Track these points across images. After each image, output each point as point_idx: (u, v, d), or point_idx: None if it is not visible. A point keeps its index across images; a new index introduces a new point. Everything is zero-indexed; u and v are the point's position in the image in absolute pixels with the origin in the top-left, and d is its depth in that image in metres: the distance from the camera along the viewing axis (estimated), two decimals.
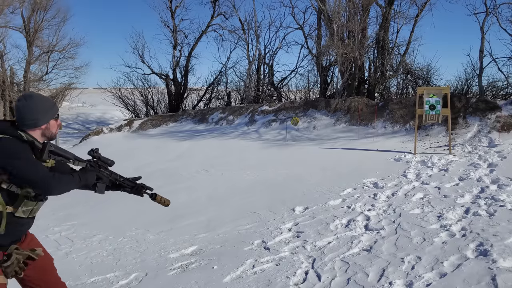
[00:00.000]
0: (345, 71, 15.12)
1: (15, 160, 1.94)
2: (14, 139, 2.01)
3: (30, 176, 1.94)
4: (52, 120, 2.18)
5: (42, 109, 2.12)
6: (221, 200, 5.89)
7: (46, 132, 2.16)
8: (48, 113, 2.15)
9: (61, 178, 2.04)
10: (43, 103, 2.14)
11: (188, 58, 20.88)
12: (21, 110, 2.08)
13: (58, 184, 2.01)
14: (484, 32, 14.16)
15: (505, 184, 5.87)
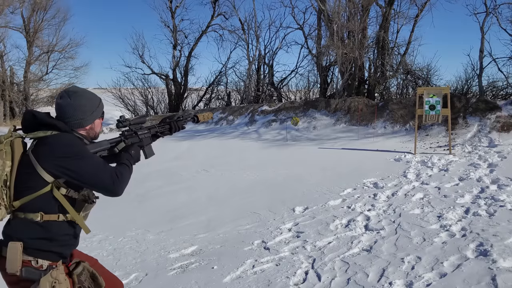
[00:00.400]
0: (345, 71, 15.12)
1: (79, 161, 1.73)
2: (72, 135, 1.82)
3: (96, 178, 1.75)
4: (97, 119, 1.97)
5: (89, 107, 1.90)
6: (221, 200, 5.89)
7: (90, 132, 1.95)
8: (94, 112, 1.93)
9: (123, 175, 1.85)
10: (90, 101, 1.91)
11: (188, 58, 20.91)
12: (64, 108, 1.84)
13: (124, 183, 1.84)
14: (484, 32, 14.18)
15: (505, 184, 5.87)
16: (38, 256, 1.74)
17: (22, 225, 1.74)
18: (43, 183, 1.72)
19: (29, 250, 1.72)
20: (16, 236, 1.72)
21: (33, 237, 1.74)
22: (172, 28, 20.56)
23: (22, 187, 1.72)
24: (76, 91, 1.89)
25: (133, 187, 6.89)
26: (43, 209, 1.74)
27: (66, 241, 1.84)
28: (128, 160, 1.96)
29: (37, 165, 1.70)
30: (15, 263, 1.68)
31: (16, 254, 1.68)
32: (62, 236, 1.81)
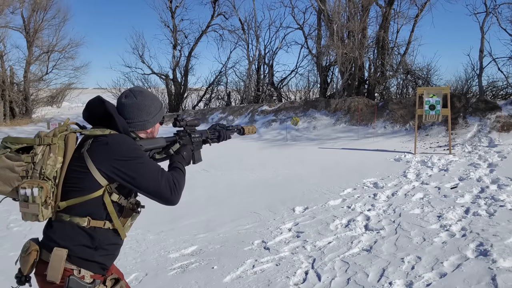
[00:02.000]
0: (345, 71, 15.12)
1: (139, 165, 1.60)
2: (131, 138, 1.68)
3: (154, 186, 1.62)
4: (157, 123, 1.87)
5: (154, 109, 1.81)
6: (221, 200, 5.89)
7: (149, 136, 1.85)
8: (157, 114, 1.84)
9: (179, 182, 1.73)
10: (154, 102, 1.81)
11: (188, 58, 20.90)
12: (129, 108, 1.73)
13: (181, 191, 1.72)
14: (484, 32, 14.17)
15: (505, 184, 5.87)
16: (82, 266, 1.60)
17: (67, 230, 1.59)
18: (95, 186, 1.58)
19: (73, 258, 1.58)
20: (62, 242, 1.58)
21: (79, 244, 1.59)
22: (172, 28, 20.56)
23: (72, 187, 1.58)
24: (142, 91, 1.80)
25: None
26: (91, 214, 1.60)
27: (110, 251, 1.70)
28: (181, 163, 1.85)
29: (92, 166, 1.56)
30: (58, 271, 1.55)
31: (60, 262, 1.55)
32: (107, 245, 1.66)
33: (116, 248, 1.74)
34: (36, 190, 1.49)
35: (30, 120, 19.92)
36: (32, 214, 1.53)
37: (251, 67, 19.28)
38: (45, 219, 1.56)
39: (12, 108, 19.68)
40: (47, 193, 1.51)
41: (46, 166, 1.54)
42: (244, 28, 19.39)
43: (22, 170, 1.54)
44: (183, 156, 1.90)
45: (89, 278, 1.60)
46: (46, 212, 1.53)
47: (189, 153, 1.96)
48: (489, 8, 14.18)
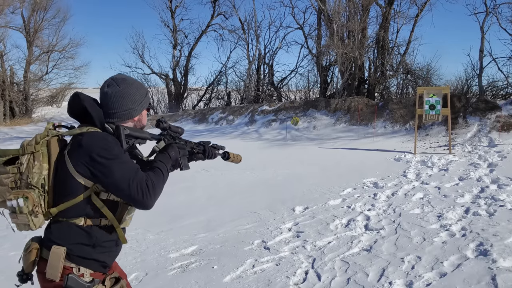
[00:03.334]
0: (345, 71, 15.12)
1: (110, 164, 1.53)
2: (107, 134, 1.62)
3: (123, 186, 1.53)
4: (144, 110, 1.82)
5: (138, 97, 1.75)
6: (221, 200, 5.89)
7: (137, 124, 1.80)
8: (143, 101, 1.78)
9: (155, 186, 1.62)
10: (139, 90, 1.76)
11: (188, 58, 20.91)
12: (112, 98, 1.67)
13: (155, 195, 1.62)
14: (484, 32, 14.18)
15: (505, 184, 5.87)
16: (81, 264, 1.60)
17: (64, 229, 1.60)
18: (81, 188, 1.57)
19: (72, 257, 1.58)
20: (59, 241, 1.58)
21: (76, 243, 1.59)
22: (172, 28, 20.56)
23: (62, 192, 1.58)
24: (124, 79, 1.73)
25: None
26: (86, 214, 1.60)
27: (108, 248, 1.68)
28: (163, 163, 1.73)
29: (72, 169, 1.55)
30: (56, 270, 1.55)
31: (58, 260, 1.55)
32: (104, 242, 1.65)
33: (115, 245, 1.71)
34: (22, 201, 1.48)
35: (30, 120, 19.93)
36: (23, 224, 1.53)
37: (251, 67, 19.28)
38: (38, 227, 1.56)
39: (12, 108, 19.69)
40: (33, 202, 1.51)
41: (32, 175, 1.54)
42: (244, 28, 19.41)
43: (10, 181, 1.54)
44: (169, 155, 1.79)
45: (88, 276, 1.60)
46: (36, 220, 1.54)
47: (176, 153, 1.82)
48: (489, 8, 14.19)
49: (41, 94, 22.79)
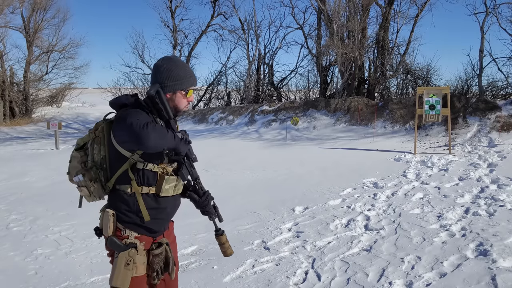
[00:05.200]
0: (345, 71, 15.12)
1: (122, 121, 1.77)
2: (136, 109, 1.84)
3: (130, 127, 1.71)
4: (179, 92, 1.90)
5: (174, 76, 1.88)
6: (221, 200, 5.87)
7: (170, 102, 1.91)
8: (177, 82, 1.89)
9: (156, 128, 1.73)
10: (179, 69, 1.90)
11: (188, 58, 20.89)
12: (153, 69, 1.93)
13: (152, 133, 1.71)
14: (484, 32, 14.17)
15: (505, 184, 5.87)
16: (127, 227, 1.85)
17: (115, 196, 1.88)
18: (124, 158, 1.82)
19: (120, 220, 1.85)
20: (110, 206, 1.89)
21: (123, 209, 1.85)
22: (172, 28, 20.56)
23: (114, 165, 1.86)
24: (171, 58, 1.94)
25: None
26: (130, 182, 1.83)
27: (152, 215, 1.86)
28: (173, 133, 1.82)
29: (114, 140, 1.81)
30: (106, 228, 1.84)
31: (108, 220, 1.84)
32: (148, 209, 1.85)
33: (159, 212, 1.89)
34: (81, 176, 1.87)
35: (30, 120, 19.92)
36: (86, 195, 1.92)
37: (251, 67, 19.28)
38: (98, 198, 1.92)
39: (12, 108, 19.68)
40: (90, 177, 1.86)
41: (93, 156, 1.89)
42: (244, 28, 19.40)
43: (80, 162, 1.90)
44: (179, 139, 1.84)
45: (133, 239, 1.84)
46: (96, 192, 1.88)
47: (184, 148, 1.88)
48: (489, 8, 14.19)
49: (41, 94, 22.76)
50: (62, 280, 3.48)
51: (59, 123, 12.45)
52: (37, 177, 8.05)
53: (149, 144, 1.71)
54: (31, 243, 4.43)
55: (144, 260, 1.84)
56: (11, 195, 6.59)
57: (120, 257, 1.79)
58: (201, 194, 2.01)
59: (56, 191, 6.78)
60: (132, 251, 1.80)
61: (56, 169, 8.74)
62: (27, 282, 3.46)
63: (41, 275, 3.60)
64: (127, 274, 1.79)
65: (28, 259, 3.98)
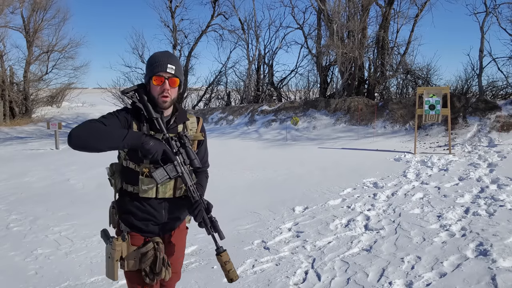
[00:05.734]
0: (345, 71, 15.12)
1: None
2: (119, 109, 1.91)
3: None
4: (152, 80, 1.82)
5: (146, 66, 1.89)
6: (221, 200, 5.89)
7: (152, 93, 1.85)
8: (147, 70, 1.87)
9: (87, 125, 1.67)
10: (149, 59, 1.87)
11: (188, 58, 20.89)
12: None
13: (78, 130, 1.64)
14: (484, 32, 14.16)
15: (504, 184, 5.87)
16: (122, 221, 1.93)
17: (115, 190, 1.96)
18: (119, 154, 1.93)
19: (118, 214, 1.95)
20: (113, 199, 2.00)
21: (118, 204, 1.95)
22: (172, 28, 20.55)
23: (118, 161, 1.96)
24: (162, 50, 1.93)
25: None
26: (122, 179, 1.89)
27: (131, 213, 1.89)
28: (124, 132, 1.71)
29: None
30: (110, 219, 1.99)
31: (109, 212, 1.99)
32: (131, 207, 1.89)
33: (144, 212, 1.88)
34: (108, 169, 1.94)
35: (30, 120, 19.92)
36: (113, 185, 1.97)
37: (251, 67, 19.28)
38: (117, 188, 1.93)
39: (12, 108, 19.67)
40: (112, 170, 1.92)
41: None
42: (244, 28, 19.39)
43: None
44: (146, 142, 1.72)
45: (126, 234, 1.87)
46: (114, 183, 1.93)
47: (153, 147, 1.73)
48: (489, 8, 14.18)
49: (41, 94, 22.76)
50: (62, 280, 3.48)
51: (59, 123, 12.44)
52: (37, 177, 8.05)
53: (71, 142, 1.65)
54: (31, 243, 4.43)
55: (134, 255, 1.84)
56: (11, 195, 6.59)
57: (107, 248, 1.87)
58: (193, 202, 1.85)
59: (56, 191, 6.78)
60: (114, 241, 1.83)
61: (56, 169, 8.74)
62: (27, 282, 3.46)
63: (41, 275, 3.60)
64: (110, 265, 1.83)
65: (28, 259, 3.98)
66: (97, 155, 2.24)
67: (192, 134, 1.98)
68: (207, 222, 1.86)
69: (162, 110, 1.86)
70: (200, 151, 2.04)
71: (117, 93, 20.40)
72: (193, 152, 1.86)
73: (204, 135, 2.08)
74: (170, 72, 1.81)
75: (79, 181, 7.58)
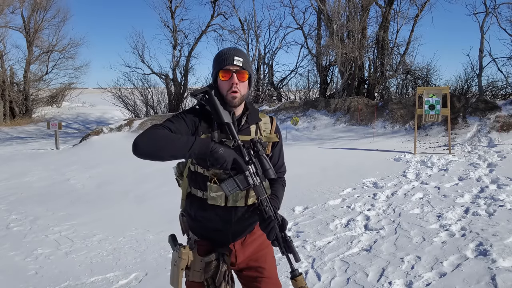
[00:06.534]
0: (345, 71, 15.12)
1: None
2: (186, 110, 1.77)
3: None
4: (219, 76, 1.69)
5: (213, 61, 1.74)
6: None
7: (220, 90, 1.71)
8: (213, 66, 1.74)
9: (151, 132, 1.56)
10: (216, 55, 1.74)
11: (188, 58, 20.90)
12: None
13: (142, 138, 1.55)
14: (483, 32, 14.16)
15: (504, 184, 5.87)
16: (191, 229, 1.82)
17: (183, 196, 1.84)
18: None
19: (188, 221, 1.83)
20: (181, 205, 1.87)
21: (187, 210, 1.82)
22: (172, 28, 20.55)
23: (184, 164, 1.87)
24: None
25: (133, 187, 6.89)
26: (190, 183, 1.78)
27: (199, 221, 1.77)
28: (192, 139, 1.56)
29: None
30: (183, 229, 1.85)
31: (179, 220, 1.86)
32: (199, 214, 1.76)
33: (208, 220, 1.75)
34: (174, 169, 1.87)
35: (30, 120, 19.92)
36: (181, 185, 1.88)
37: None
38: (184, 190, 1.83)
39: (12, 108, 19.69)
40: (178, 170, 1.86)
41: None
42: (244, 28, 19.39)
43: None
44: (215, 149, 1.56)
45: (193, 243, 1.76)
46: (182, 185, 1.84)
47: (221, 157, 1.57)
48: (488, 8, 14.18)
49: (41, 94, 22.78)
50: (62, 280, 3.48)
51: (59, 123, 12.45)
52: (37, 177, 8.06)
53: (136, 150, 1.57)
54: (31, 243, 4.43)
55: (200, 266, 1.72)
56: (11, 195, 6.60)
57: (173, 255, 1.76)
58: (265, 218, 1.68)
59: (56, 191, 6.78)
60: (181, 249, 1.71)
61: (56, 169, 8.75)
62: (27, 282, 3.46)
63: (41, 275, 3.60)
64: (175, 274, 1.72)
65: (28, 259, 3.98)
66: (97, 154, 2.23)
67: (266, 135, 1.81)
68: (281, 242, 1.70)
69: (232, 108, 1.70)
70: (274, 154, 1.86)
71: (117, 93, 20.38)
72: (268, 161, 1.66)
73: (279, 136, 1.88)
74: (237, 64, 1.66)
75: (79, 181, 7.59)
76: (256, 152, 1.65)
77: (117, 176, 7.78)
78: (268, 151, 1.80)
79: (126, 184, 7.13)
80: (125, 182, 7.29)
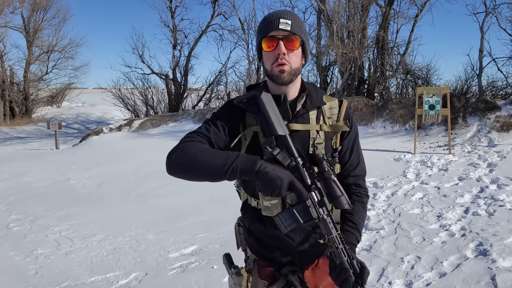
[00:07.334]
0: (345, 71, 15.12)
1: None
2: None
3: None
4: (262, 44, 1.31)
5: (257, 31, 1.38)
6: (221, 200, 5.89)
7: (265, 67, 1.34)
8: (257, 36, 1.37)
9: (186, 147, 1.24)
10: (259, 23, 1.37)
11: (188, 58, 20.90)
12: None
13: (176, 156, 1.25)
14: (483, 32, 14.17)
15: (504, 184, 5.87)
16: (248, 246, 1.49)
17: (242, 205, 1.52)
18: None
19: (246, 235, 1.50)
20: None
21: (242, 220, 1.53)
22: (172, 28, 20.56)
23: None
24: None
25: (133, 187, 6.89)
26: (245, 189, 1.46)
27: (255, 236, 1.42)
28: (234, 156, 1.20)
29: None
30: (238, 243, 1.58)
31: (234, 233, 1.57)
32: (254, 228, 1.42)
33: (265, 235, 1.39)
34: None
35: (30, 120, 19.93)
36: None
37: (251, 67, 19.29)
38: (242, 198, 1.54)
39: (12, 108, 19.70)
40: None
41: None
42: (244, 28, 19.40)
43: None
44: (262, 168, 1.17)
45: (252, 263, 1.46)
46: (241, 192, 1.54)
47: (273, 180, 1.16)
48: (488, 8, 14.18)
49: (41, 94, 22.80)
50: (62, 280, 3.48)
51: (59, 123, 12.45)
52: (37, 177, 8.06)
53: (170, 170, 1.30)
54: (31, 243, 4.43)
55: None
56: (11, 195, 6.60)
57: (229, 280, 1.47)
58: (336, 265, 1.20)
59: (56, 191, 6.78)
60: (236, 274, 1.42)
61: (56, 169, 8.75)
62: (27, 282, 3.46)
63: (41, 275, 3.60)
64: None
65: (28, 259, 3.98)
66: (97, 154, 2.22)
67: (332, 124, 1.37)
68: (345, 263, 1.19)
69: (281, 87, 1.31)
70: (344, 149, 1.39)
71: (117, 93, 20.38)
72: (339, 186, 1.23)
73: (352, 123, 1.40)
74: (284, 28, 1.25)
75: (79, 181, 7.59)
76: (321, 174, 1.24)
77: (117, 176, 7.78)
78: (336, 144, 1.37)
79: (126, 184, 7.13)
80: (125, 182, 7.29)
